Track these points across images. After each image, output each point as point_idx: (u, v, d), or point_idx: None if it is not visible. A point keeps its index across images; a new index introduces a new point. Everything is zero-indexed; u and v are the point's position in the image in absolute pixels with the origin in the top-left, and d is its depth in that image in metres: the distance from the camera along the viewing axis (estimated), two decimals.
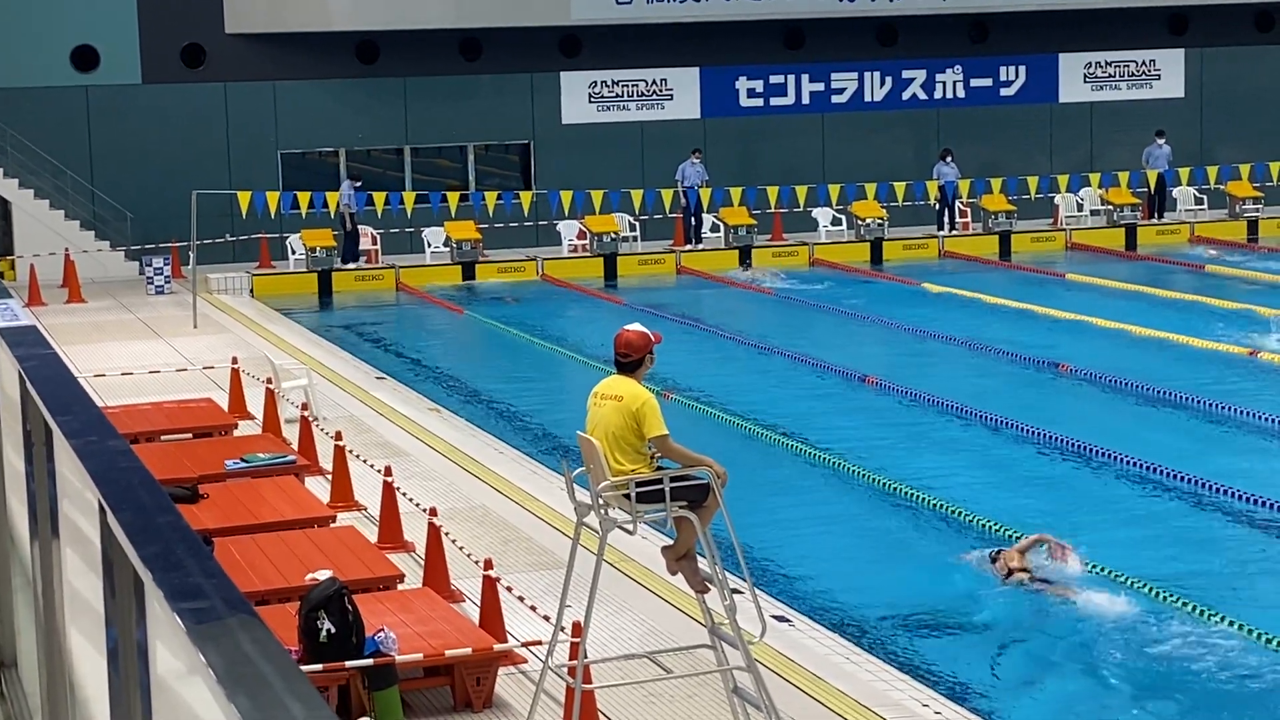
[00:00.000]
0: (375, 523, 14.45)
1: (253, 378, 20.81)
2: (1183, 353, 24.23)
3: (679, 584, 11.24)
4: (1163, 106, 40.08)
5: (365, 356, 25.44)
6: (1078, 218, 38.15)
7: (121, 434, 4.16)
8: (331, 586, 10.15)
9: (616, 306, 30.28)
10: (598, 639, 11.25)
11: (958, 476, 17.74)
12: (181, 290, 31.45)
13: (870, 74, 38.84)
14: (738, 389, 22.89)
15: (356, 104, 36.03)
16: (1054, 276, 32.71)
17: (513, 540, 14.34)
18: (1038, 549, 14.24)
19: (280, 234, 34.30)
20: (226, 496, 14.13)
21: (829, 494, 17.13)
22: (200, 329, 27.10)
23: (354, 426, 18.99)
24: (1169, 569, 14.38)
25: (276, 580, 11.72)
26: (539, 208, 35.82)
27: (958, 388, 22.11)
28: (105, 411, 5.00)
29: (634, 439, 9.78)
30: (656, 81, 37.61)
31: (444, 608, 11.31)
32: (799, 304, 30.41)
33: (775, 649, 11.30)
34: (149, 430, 17.12)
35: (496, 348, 27.58)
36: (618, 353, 10.03)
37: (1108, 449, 18.24)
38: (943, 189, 36.67)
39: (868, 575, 14.69)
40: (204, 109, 35.11)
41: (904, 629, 13.14)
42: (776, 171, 37.29)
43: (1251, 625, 12.71)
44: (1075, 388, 22.60)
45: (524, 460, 17.87)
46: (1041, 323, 27.46)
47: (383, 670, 9.99)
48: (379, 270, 33.94)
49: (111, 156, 34.61)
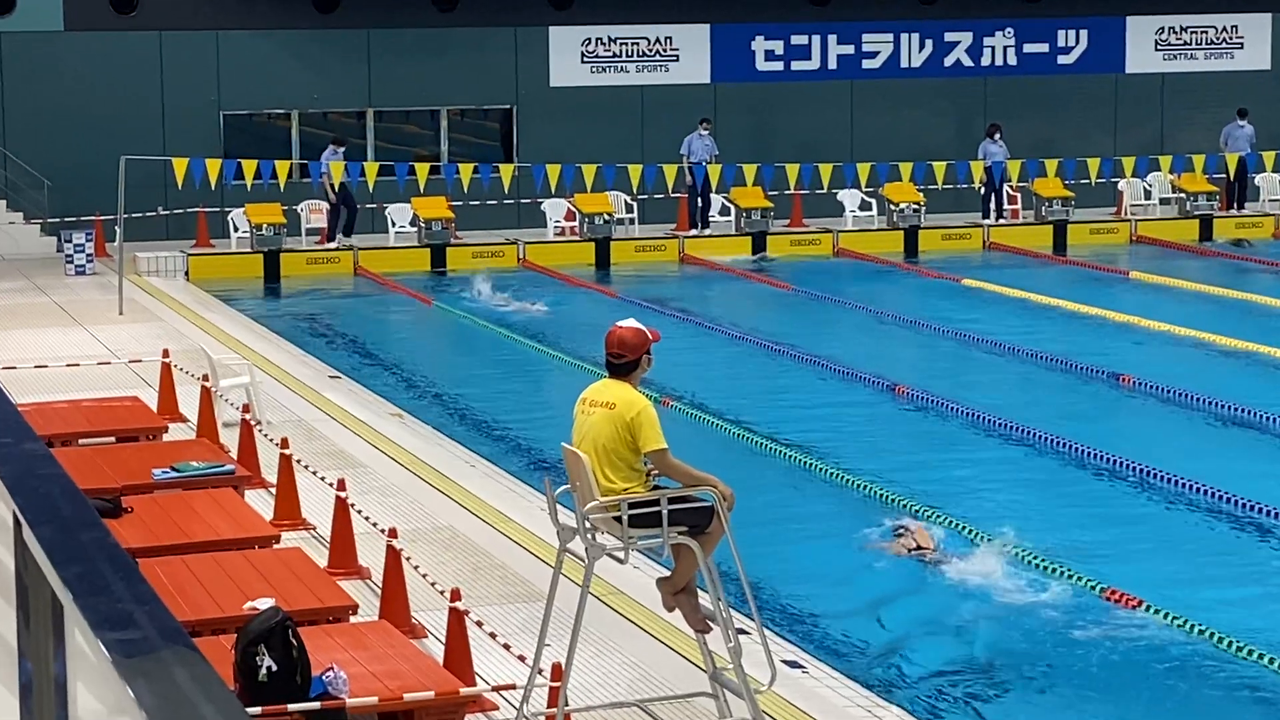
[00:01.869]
0: (325, 544, 14.45)
1: (187, 374, 20.81)
2: (1264, 365, 24.25)
3: (677, 622, 11.25)
4: (1245, 79, 40.11)
5: (317, 352, 25.44)
6: (1145, 207, 38.17)
7: (38, 436, 4.18)
8: (273, 618, 10.16)
9: (609, 299, 30.30)
10: (581, 684, 11.26)
11: (1002, 502, 17.74)
12: (106, 271, 31.43)
13: (907, 36, 38.87)
14: (748, 397, 22.90)
15: (312, 59, 36.03)
16: (1116, 274, 32.73)
17: (484, 567, 14.35)
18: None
19: (221, 208, 34.29)
20: (154, 511, 14.12)
21: (851, 520, 17.13)
22: (127, 316, 27.08)
23: (303, 432, 18.99)
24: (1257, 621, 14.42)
25: (210, 609, 11.72)
26: (521, 183, 35.83)
27: (1002, 401, 22.12)
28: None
29: (627, 453, 9.80)
30: (660, 40, 37.63)
31: (403, 644, 11.31)
32: (820, 300, 30.43)
33: (785, 698, 11.31)
34: (65, 432, 17.10)
35: (469, 344, 27.59)
36: (610, 353, 10.04)
37: (1175, 475, 18.25)
38: (989, 171, 36.68)
39: (894, 616, 14.70)
40: (135, 62, 35.10)
41: (935, 676, 13.15)
42: (797, 147, 37.31)
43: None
44: (1138, 403, 22.61)
45: (499, 475, 17.88)
46: (1100, 327, 27.47)
47: (331, 714, 9.99)
48: (334, 252, 33.93)
49: (27, 115, 34.60)
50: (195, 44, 35.34)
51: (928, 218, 36.35)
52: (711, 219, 36.02)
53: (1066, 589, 14.98)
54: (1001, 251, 35.79)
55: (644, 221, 36.15)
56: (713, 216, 36.06)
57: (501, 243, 34.86)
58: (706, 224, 35.86)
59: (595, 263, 34.40)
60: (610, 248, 34.76)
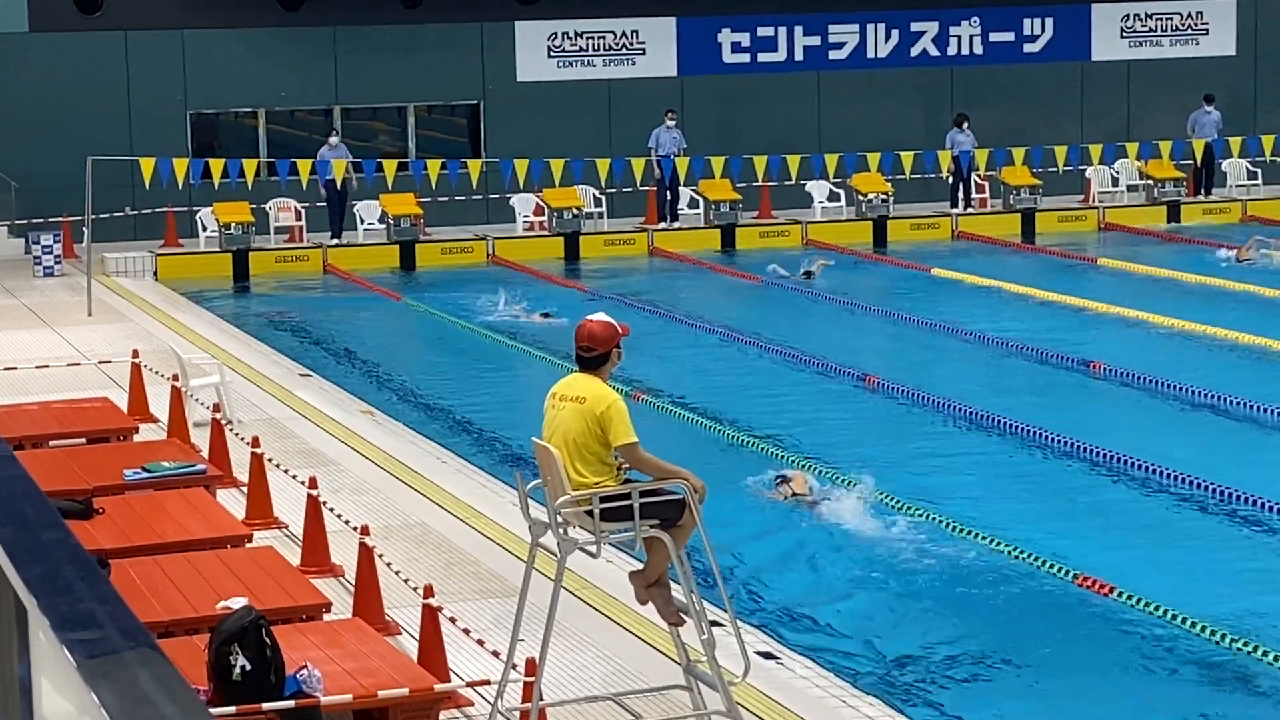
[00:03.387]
0: (298, 543, 14.43)
1: (157, 374, 20.76)
2: (1232, 350, 24.31)
3: (650, 615, 11.25)
4: (1211, 65, 40.21)
5: (287, 350, 25.40)
6: (1112, 194, 38.25)
7: (3, 438, 4.16)
8: (247, 617, 10.14)
9: (579, 293, 30.29)
10: (555, 678, 11.24)
11: (972, 492, 17.78)
12: (74, 272, 31.33)
13: (874, 26, 38.90)
14: (718, 390, 22.91)
15: (278, 57, 35.95)
16: (1085, 261, 32.80)
17: (457, 564, 14.34)
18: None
19: (189, 207, 34.20)
20: (125, 511, 14.10)
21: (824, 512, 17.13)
22: (96, 317, 27.01)
23: (274, 431, 18.96)
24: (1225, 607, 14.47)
25: (183, 609, 11.70)
26: (489, 179, 35.79)
27: (972, 390, 22.15)
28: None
29: (598, 447, 9.79)
30: (626, 33, 37.62)
31: (377, 641, 11.30)
32: (790, 292, 30.45)
33: (760, 690, 11.31)
34: (35, 434, 17.07)
35: (439, 340, 27.57)
36: (579, 347, 10.04)
37: (1146, 461, 18.29)
38: (957, 160, 36.74)
39: (868, 606, 14.72)
40: (101, 62, 34.99)
41: (909, 667, 13.17)
42: (765, 139, 37.31)
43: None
44: (1109, 390, 22.66)
45: (470, 471, 17.87)
46: (1070, 315, 27.53)
47: (305, 713, 9.98)
48: (303, 250, 33.87)
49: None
50: (161, 44, 35.24)
51: (896, 208, 36.39)
52: (680, 212, 36.01)
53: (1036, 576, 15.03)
54: (971, 240, 35.84)
55: (613, 215, 36.14)
56: (682, 209, 36.06)
57: (470, 238, 34.82)
58: (675, 217, 35.85)
59: (565, 257, 34.37)
60: (580, 242, 34.74)
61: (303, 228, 34.49)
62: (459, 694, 11.03)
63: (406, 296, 30.70)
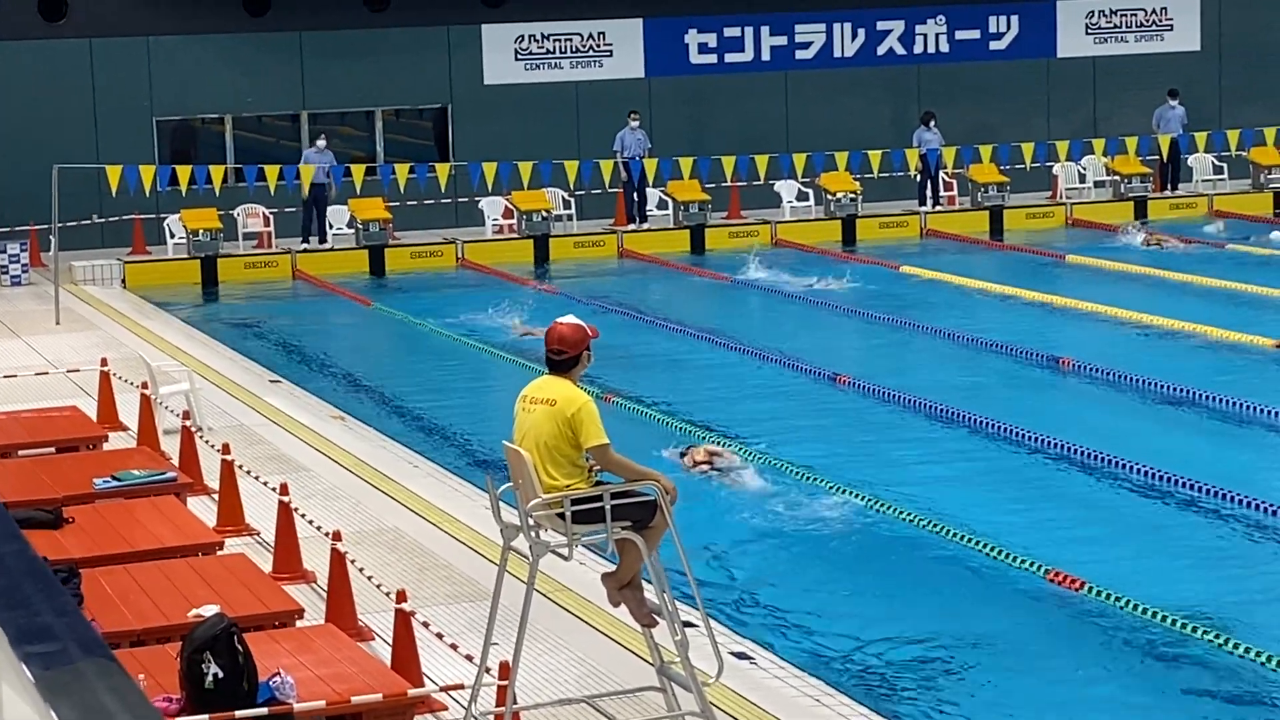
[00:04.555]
0: (269, 549, 14.39)
1: (126, 382, 20.69)
2: (1201, 345, 24.38)
3: (623, 617, 11.23)
4: (1176, 61, 40.32)
5: (257, 356, 25.33)
6: (1079, 190, 38.34)
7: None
8: (219, 624, 10.10)
9: (549, 296, 30.26)
10: (528, 681, 11.22)
11: (943, 488, 17.80)
12: (41, 281, 31.22)
13: (840, 25, 38.93)
14: (689, 391, 22.90)
15: (244, 63, 35.86)
16: (1052, 258, 32.85)
17: (429, 568, 14.31)
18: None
19: (157, 214, 34.11)
20: (96, 520, 14.03)
21: (795, 511, 17.14)
22: (64, 325, 26.92)
23: (244, 438, 18.91)
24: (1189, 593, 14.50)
25: (155, 617, 11.64)
26: (458, 182, 35.75)
27: (943, 386, 22.17)
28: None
29: (569, 449, 9.77)
30: (593, 35, 37.61)
31: (350, 647, 11.26)
32: (759, 291, 30.46)
33: (735, 690, 11.30)
34: (3, 444, 16.99)
35: (410, 345, 27.53)
36: (550, 349, 10.02)
37: (1115, 455, 18.33)
38: (924, 158, 36.79)
39: (842, 604, 14.73)
40: (66, 69, 34.87)
41: (884, 665, 13.17)
42: (733, 139, 37.32)
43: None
44: (1078, 385, 22.70)
45: (442, 475, 17.83)
46: (1038, 311, 27.58)
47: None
48: (272, 256, 33.80)
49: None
50: (126, 50, 35.13)
51: (865, 206, 36.43)
52: (649, 213, 36.00)
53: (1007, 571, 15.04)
54: (939, 238, 35.88)
55: (582, 217, 36.12)
56: (651, 210, 36.05)
57: (440, 242, 34.78)
58: (644, 218, 35.83)
59: (534, 260, 34.35)
60: (549, 244, 34.72)
61: (271, 233, 34.42)
62: (433, 699, 11.00)
63: (376, 301, 30.64)
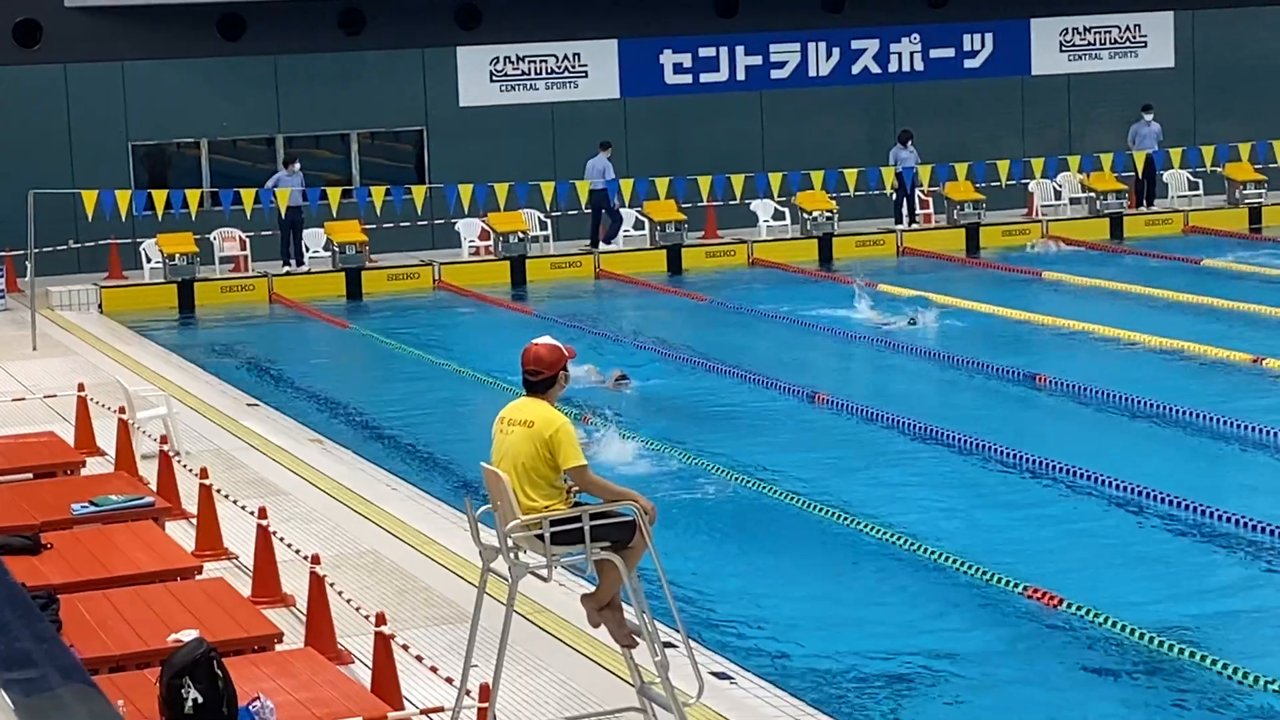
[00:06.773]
0: (248, 573, 14.36)
1: (103, 407, 20.66)
2: (1177, 361, 24.44)
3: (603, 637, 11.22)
4: (1150, 78, 40.44)
5: (234, 380, 25.30)
6: (1055, 207, 38.43)
7: None
8: (198, 649, 10.07)
9: (526, 317, 30.26)
10: (509, 703, 11.22)
11: (922, 506, 17.83)
12: (17, 306, 31.16)
13: (815, 45, 39.01)
14: (666, 410, 22.89)
15: (220, 87, 35.85)
16: (1029, 275, 32.91)
17: (409, 590, 14.30)
18: None
19: (133, 239, 34.06)
20: (74, 546, 14.00)
21: (775, 530, 17.16)
22: (41, 351, 26.86)
23: (222, 462, 18.88)
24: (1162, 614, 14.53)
25: (134, 643, 11.62)
26: (434, 204, 35.75)
27: (921, 405, 22.20)
28: None
29: (547, 470, 9.77)
30: (568, 56, 37.64)
31: (330, 671, 11.25)
32: (736, 311, 30.48)
33: (715, 710, 11.31)
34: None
35: (388, 368, 27.50)
36: (526, 370, 10.02)
37: (1093, 471, 18.36)
38: (900, 176, 36.86)
39: (823, 625, 14.73)
40: (41, 94, 34.83)
41: (865, 685, 13.18)
42: (709, 159, 37.37)
43: None
44: (1055, 403, 22.74)
45: (420, 498, 17.82)
46: (1015, 328, 27.62)
47: None
48: (249, 279, 33.79)
49: None
50: (101, 75, 35.11)
51: (841, 225, 36.48)
52: (625, 233, 36.03)
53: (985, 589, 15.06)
54: (916, 256, 35.94)
55: (559, 239, 36.13)
56: (626, 230, 36.08)
57: (416, 264, 34.76)
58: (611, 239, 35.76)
59: (511, 281, 34.35)
60: (526, 266, 34.73)
61: (248, 257, 34.40)
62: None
63: (354, 324, 30.62)
